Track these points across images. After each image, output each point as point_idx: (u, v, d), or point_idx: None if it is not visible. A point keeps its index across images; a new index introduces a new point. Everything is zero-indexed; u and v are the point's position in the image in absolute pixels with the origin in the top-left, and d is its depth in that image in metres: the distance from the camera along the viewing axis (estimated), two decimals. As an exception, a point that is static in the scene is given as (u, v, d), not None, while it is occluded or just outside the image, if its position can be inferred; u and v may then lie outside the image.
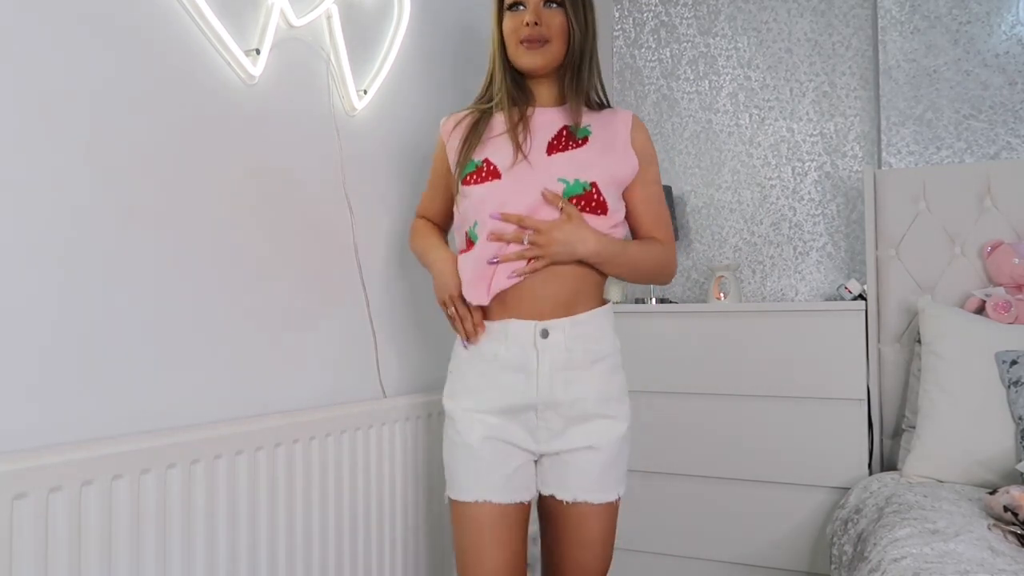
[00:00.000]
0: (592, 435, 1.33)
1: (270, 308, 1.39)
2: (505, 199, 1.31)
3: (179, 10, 1.23)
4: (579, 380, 1.31)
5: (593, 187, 1.32)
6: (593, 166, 1.33)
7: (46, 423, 1.03)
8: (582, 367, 1.32)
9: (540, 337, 1.30)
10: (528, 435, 1.33)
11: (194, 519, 1.15)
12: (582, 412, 1.32)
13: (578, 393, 1.31)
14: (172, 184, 1.22)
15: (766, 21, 2.63)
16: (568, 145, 1.36)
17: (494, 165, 1.34)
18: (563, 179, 1.31)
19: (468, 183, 1.35)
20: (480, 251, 1.32)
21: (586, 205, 1.31)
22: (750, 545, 2.16)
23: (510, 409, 1.32)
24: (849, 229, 2.50)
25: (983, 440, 1.75)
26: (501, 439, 1.32)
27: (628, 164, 1.38)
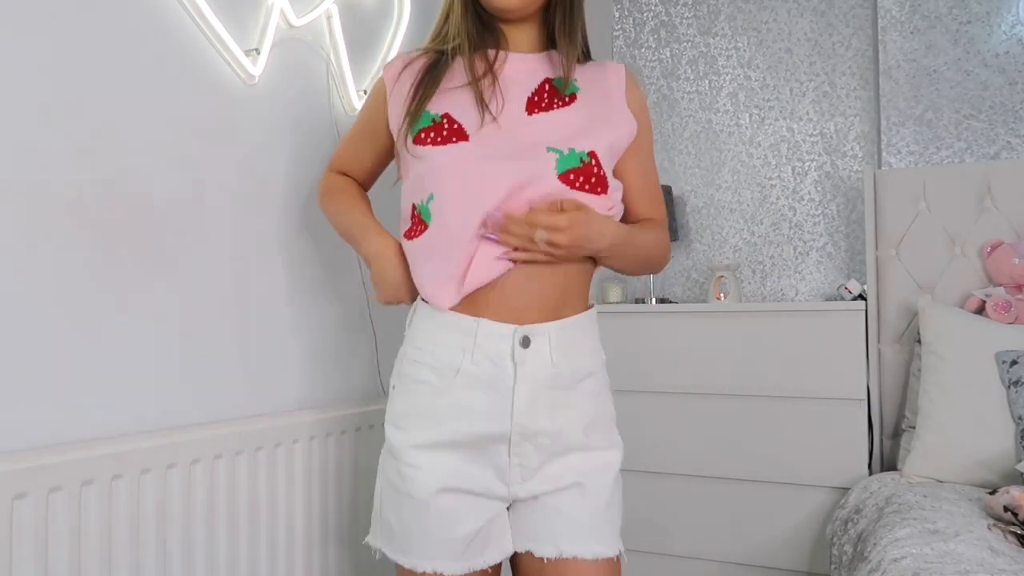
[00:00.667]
0: (580, 470, 1.03)
1: (270, 308, 1.39)
2: (477, 169, 1.01)
3: (179, 10, 1.23)
4: (567, 403, 1.03)
5: (592, 158, 1.03)
6: (589, 131, 1.05)
7: (46, 423, 1.03)
8: (568, 386, 1.03)
9: (520, 346, 1.00)
10: (496, 477, 1.02)
11: (194, 519, 1.15)
12: (568, 443, 1.03)
13: (565, 419, 1.02)
14: (172, 184, 1.22)
15: (766, 21, 2.63)
16: (553, 103, 1.07)
17: (458, 123, 1.04)
18: (554, 148, 1.02)
19: (422, 142, 1.04)
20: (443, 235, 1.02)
21: (584, 182, 1.02)
22: (750, 545, 2.16)
23: (476, 441, 1.01)
24: (849, 229, 2.50)
25: (983, 440, 1.75)
26: (461, 489, 1.01)
27: (626, 128, 1.11)
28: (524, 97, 1.07)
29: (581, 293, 1.09)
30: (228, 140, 1.32)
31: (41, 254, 1.03)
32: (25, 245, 1.01)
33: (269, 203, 1.40)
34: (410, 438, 1.02)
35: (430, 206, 1.03)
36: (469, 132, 1.03)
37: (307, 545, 1.37)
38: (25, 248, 1.01)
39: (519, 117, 1.05)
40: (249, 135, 1.36)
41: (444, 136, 1.04)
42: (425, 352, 1.03)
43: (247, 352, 1.34)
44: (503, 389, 1.00)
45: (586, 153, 1.03)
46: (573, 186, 1.01)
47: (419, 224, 1.06)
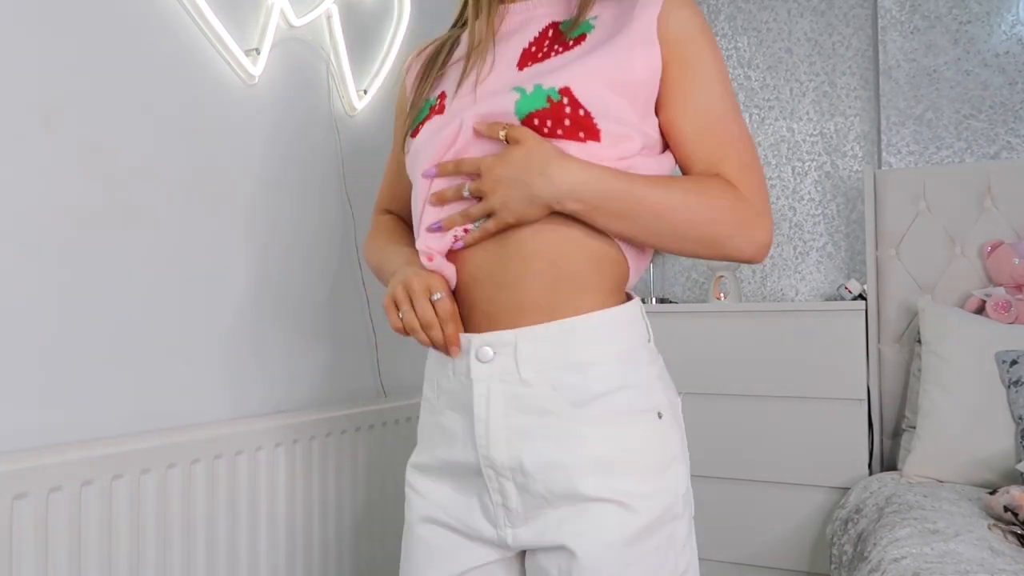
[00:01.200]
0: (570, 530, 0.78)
1: (270, 308, 1.39)
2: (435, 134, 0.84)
3: (179, 10, 1.23)
4: (552, 434, 0.78)
5: (565, 96, 0.78)
6: (571, 65, 0.80)
7: (46, 423, 1.03)
8: (556, 411, 0.78)
9: (477, 360, 0.80)
10: (483, 516, 0.83)
11: (194, 519, 1.15)
12: (553, 488, 0.78)
13: (545, 455, 0.78)
14: (172, 184, 1.22)
15: (766, 21, 2.63)
16: (551, 51, 0.83)
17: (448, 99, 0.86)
18: (519, 87, 0.80)
19: (416, 134, 0.88)
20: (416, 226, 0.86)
21: (556, 127, 0.78)
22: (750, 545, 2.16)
23: (457, 470, 0.84)
24: (849, 229, 2.50)
25: (983, 440, 1.75)
26: (440, 522, 0.85)
27: (636, 56, 0.80)
28: (520, 49, 0.85)
29: (590, 281, 0.81)
30: (228, 140, 1.32)
31: (41, 254, 1.03)
32: (25, 245, 1.01)
33: (269, 203, 1.40)
34: (413, 457, 0.91)
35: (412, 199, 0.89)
36: (446, 104, 0.85)
37: (307, 545, 1.37)
38: (25, 248, 1.01)
39: (506, 74, 0.83)
40: (249, 135, 1.36)
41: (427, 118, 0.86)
42: (428, 367, 0.90)
43: (247, 352, 1.34)
44: (469, 410, 0.81)
45: (556, 90, 0.78)
46: (539, 133, 0.78)
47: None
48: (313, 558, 1.38)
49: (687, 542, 0.81)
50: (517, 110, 0.79)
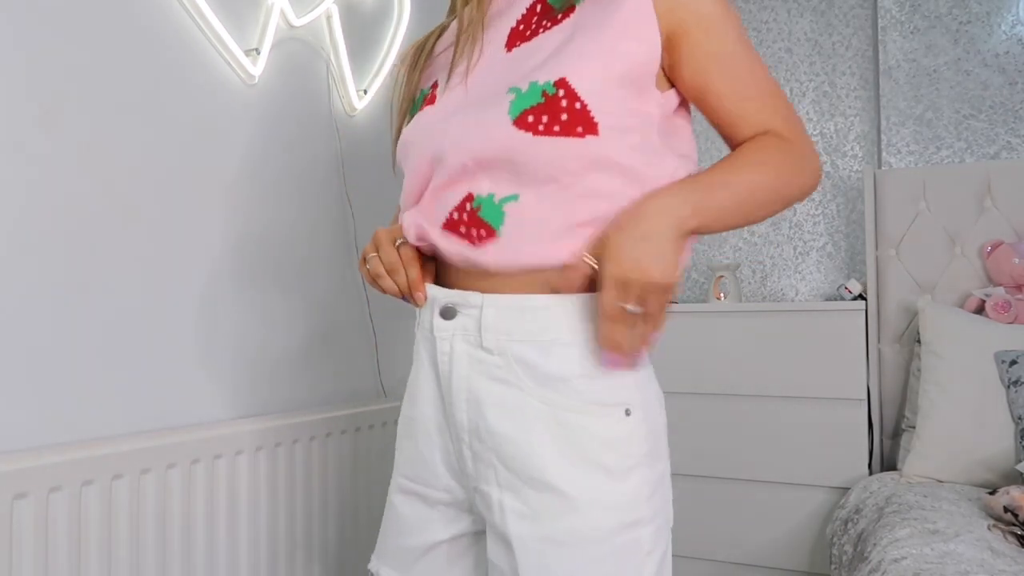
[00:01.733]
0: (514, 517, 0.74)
1: (270, 308, 1.39)
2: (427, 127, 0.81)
3: (179, 10, 1.23)
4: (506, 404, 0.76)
5: (561, 88, 0.73)
6: (565, 52, 0.75)
7: (46, 423, 1.03)
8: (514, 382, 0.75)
9: (440, 316, 0.79)
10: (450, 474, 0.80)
11: (194, 519, 1.15)
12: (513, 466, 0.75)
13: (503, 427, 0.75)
14: (172, 184, 1.22)
15: (766, 21, 2.63)
16: (539, 28, 0.79)
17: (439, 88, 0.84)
18: (514, 87, 0.75)
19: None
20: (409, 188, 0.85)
21: (552, 122, 0.73)
22: (750, 545, 2.16)
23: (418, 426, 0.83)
24: (849, 229, 2.50)
25: (983, 440, 1.75)
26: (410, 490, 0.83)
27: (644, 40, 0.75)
28: (508, 28, 0.81)
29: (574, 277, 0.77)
30: (228, 140, 1.31)
31: (40, 254, 1.03)
32: (24, 245, 1.01)
33: (269, 203, 1.40)
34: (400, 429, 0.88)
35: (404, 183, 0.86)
36: (438, 94, 0.82)
37: (307, 545, 1.37)
38: (24, 248, 1.01)
39: (497, 58, 0.79)
40: (249, 135, 1.36)
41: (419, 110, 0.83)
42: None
43: (247, 352, 1.34)
44: (434, 366, 0.80)
45: (552, 83, 0.72)
46: (535, 131, 0.72)
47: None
48: (313, 558, 1.38)
49: (652, 552, 0.74)
50: (511, 109, 0.74)
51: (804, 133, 0.82)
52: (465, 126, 0.77)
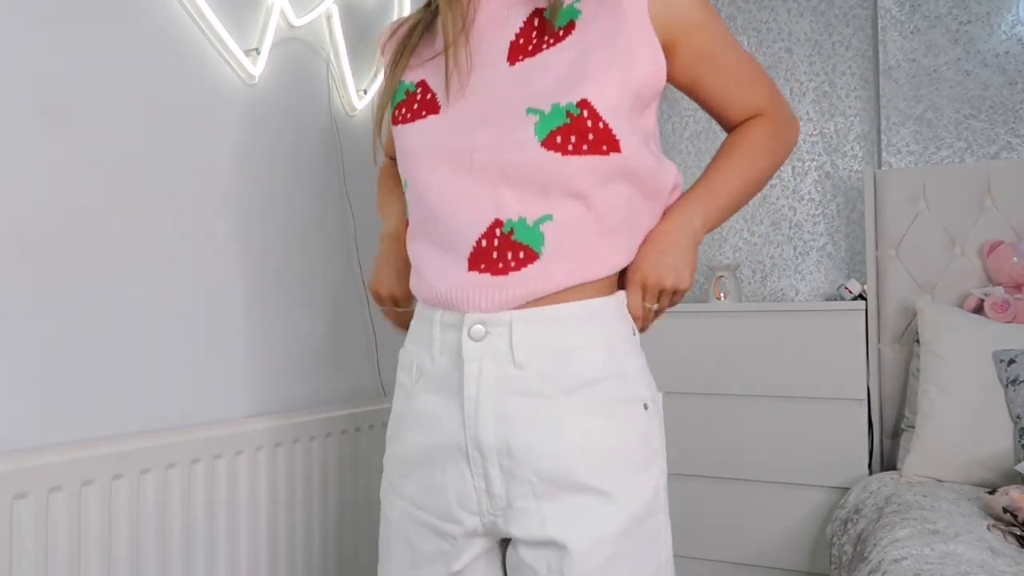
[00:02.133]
0: (561, 523, 0.77)
1: (270, 308, 1.39)
2: (447, 148, 0.82)
3: (179, 10, 1.23)
4: (541, 419, 0.78)
5: (584, 108, 0.77)
6: (583, 72, 0.79)
7: (46, 423, 1.03)
8: (546, 395, 0.78)
9: (470, 338, 0.80)
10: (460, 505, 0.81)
11: (194, 519, 1.15)
12: (543, 474, 0.77)
13: (536, 441, 0.78)
14: (172, 184, 1.22)
15: (766, 21, 2.63)
16: (541, 44, 0.82)
17: (432, 92, 0.86)
18: (534, 109, 0.78)
19: (396, 120, 0.88)
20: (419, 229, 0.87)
21: (580, 142, 0.77)
22: (750, 545, 2.16)
23: (434, 457, 0.82)
24: (849, 229, 2.50)
25: (982, 439, 1.75)
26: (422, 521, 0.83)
27: (649, 59, 0.81)
28: (507, 41, 0.83)
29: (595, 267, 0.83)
30: (228, 140, 1.32)
31: (40, 254, 1.03)
32: (24, 245, 1.01)
33: (269, 203, 1.40)
34: (389, 451, 0.89)
35: (408, 194, 0.88)
36: (441, 102, 0.84)
37: (307, 545, 1.37)
38: (24, 248, 1.01)
39: (498, 69, 0.82)
40: (249, 135, 1.36)
41: (415, 110, 0.86)
42: (404, 350, 0.89)
43: (247, 352, 1.34)
44: (456, 391, 0.80)
45: (574, 104, 0.77)
46: (564, 151, 0.77)
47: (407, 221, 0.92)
48: (313, 558, 1.38)
49: (667, 533, 0.82)
50: (537, 131, 0.78)
51: (783, 102, 0.95)
52: (493, 145, 0.79)
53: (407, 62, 0.90)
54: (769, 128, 0.93)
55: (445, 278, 0.82)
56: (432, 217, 0.83)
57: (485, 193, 0.80)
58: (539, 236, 0.78)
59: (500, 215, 0.79)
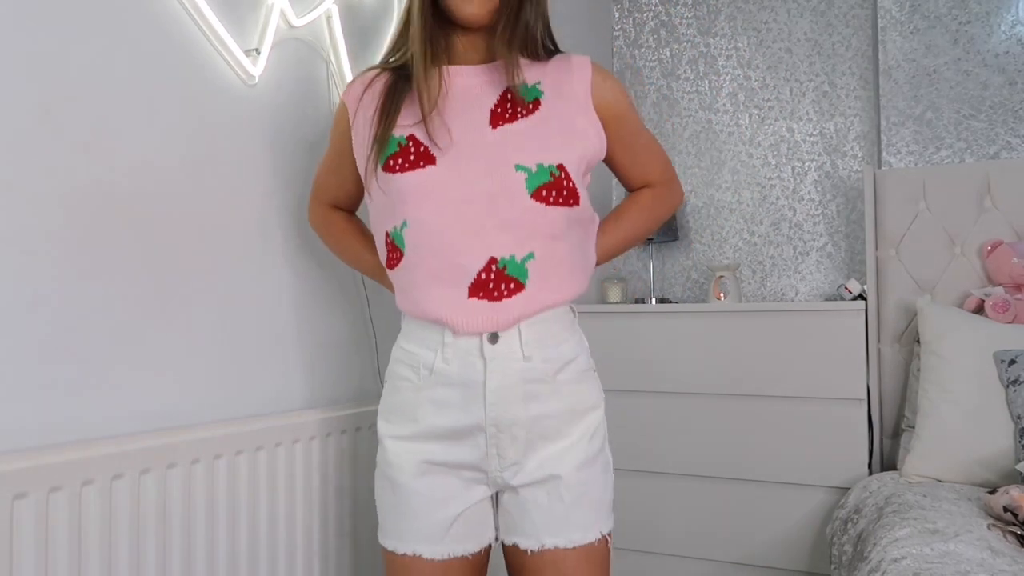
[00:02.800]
0: (557, 461, 1.04)
1: (270, 308, 1.39)
2: (449, 193, 1.01)
3: (179, 10, 1.23)
4: (541, 393, 1.04)
5: (561, 171, 1.02)
6: (555, 142, 1.04)
7: (46, 423, 1.03)
8: (544, 378, 1.04)
9: (488, 343, 1.02)
10: (476, 462, 1.05)
11: (194, 519, 1.15)
12: (543, 433, 1.05)
13: (540, 410, 1.04)
14: (171, 184, 1.22)
15: (766, 21, 2.63)
16: (517, 113, 1.05)
17: (424, 146, 1.03)
18: (522, 166, 1.01)
19: (391, 169, 1.04)
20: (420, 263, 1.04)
21: (558, 196, 1.02)
22: (750, 545, 2.16)
23: (453, 434, 1.05)
24: (849, 229, 2.50)
25: (982, 439, 1.75)
26: (444, 463, 1.05)
27: (594, 139, 1.09)
28: (487, 110, 1.06)
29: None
30: (228, 140, 1.32)
31: (39, 254, 1.03)
32: (23, 245, 1.01)
33: (269, 203, 1.40)
34: (394, 430, 1.08)
35: (404, 233, 1.04)
36: (435, 154, 1.03)
37: (307, 545, 1.37)
38: (23, 248, 1.01)
39: (484, 132, 1.04)
40: (249, 135, 1.36)
41: (412, 161, 1.03)
42: (406, 352, 1.09)
43: (247, 352, 1.34)
44: (474, 385, 1.03)
45: (555, 166, 1.02)
46: (547, 202, 1.02)
47: (395, 252, 1.08)
48: (313, 558, 1.38)
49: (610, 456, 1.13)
50: (528, 185, 1.01)
51: (671, 175, 1.25)
52: (490, 196, 1.01)
53: (395, 120, 1.06)
54: (655, 195, 1.23)
55: (446, 304, 1.03)
56: (433, 253, 1.03)
57: (483, 235, 1.01)
58: (525, 271, 1.02)
59: (495, 254, 1.01)
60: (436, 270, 1.03)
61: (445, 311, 1.02)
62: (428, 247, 1.03)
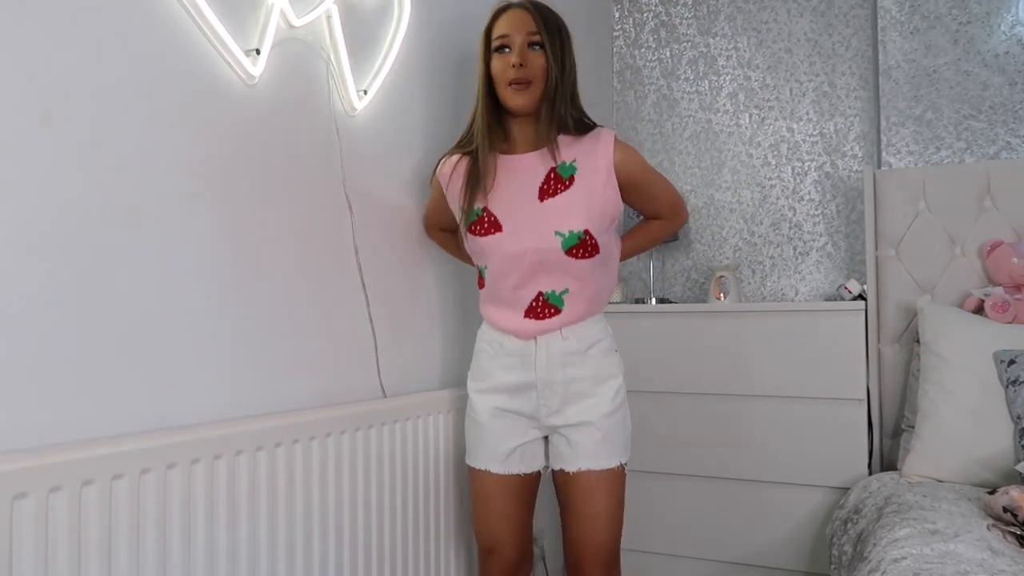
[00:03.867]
0: (588, 412, 1.49)
1: (270, 308, 1.39)
2: (509, 251, 1.50)
3: (179, 10, 1.23)
4: (576, 363, 1.50)
5: (587, 234, 1.46)
6: (582, 211, 1.47)
7: (46, 423, 1.03)
8: (578, 351, 1.50)
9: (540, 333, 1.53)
10: (531, 410, 1.53)
11: (194, 519, 1.15)
12: (578, 392, 1.50)
13: (576, 373, 1.50)
14: (171, 184, 1.22)
15: (766, 21, 2.63)
16: (557, 188, 1.49)
17: (494, 216, 1.51)
18: (559, 232, 1.46)
19: (474, 232, 1.53)
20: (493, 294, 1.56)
21: (584, 252, 1.48)
22: (750, 545, 2.16)
23: (514, 388, 1.53)
24: (849, 229, 2.50)
25: (982, 440, 1.75)
26: (509, 410, 1.53)
27: (612, 201, 1.51)
28: (536, 187, 1.50)
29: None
30: (228, 140, 1.32)
31: (40, 254, 1.03)
32: (23, 245, 1.01)
33: (269, 203, 1.40)
34: (476, 386, 1.58)
35: (484, 272, 1.57)
36: (502, 223, 1.50)
37: (307, 545, 1.37)
38: (23, 248, 1.01)
39: (534, 205, 1.49)
40: (249, 135, 1.36)
41: (486, 228, 1.52)
42: (485, 337, 1.60)
43: (247, 352, 1.34)
44: (528, 356, 1.51)
45: (583, 231, 1.46)
46: (576, 256, 1.48)
47: (481, 280, 1.59)
48: (313, 558, 1.38)
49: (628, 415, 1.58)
50: (563, 246, 1.47)
51: (678, 205, 1.67)
52: (537, 253, 1.48)
53: (476, 196, 1.52)
54: (663, 223, 1.69)
55: (509, 321, 1.53)
56: (501, 288, 1.53)
57: (533, 277, 1.50)
58: (562, 300, 1.51)
59: (541, 289, 1.51)
60: (503, 298, 1.53)
61: (509, 326, 1.53)
62: (499, 284, 1.53)
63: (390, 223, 1.71)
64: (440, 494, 1.73)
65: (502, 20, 1.50)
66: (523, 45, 1.47)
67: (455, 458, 1.77)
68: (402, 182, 1.74)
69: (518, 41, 1.47)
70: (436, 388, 1.82)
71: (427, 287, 1.82)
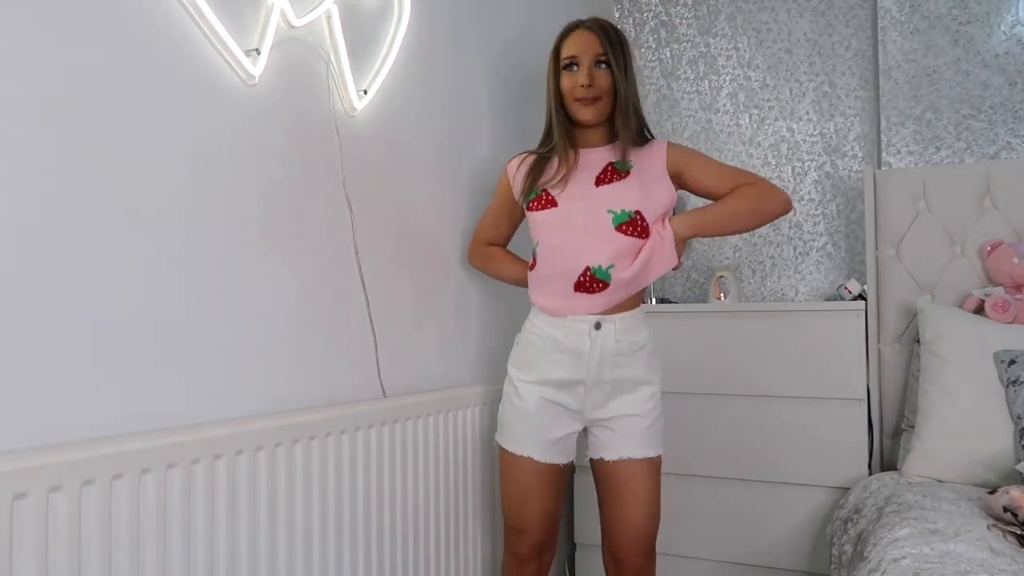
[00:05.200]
0: (631, 406, 1.60)
1: (270, 308, 1.39)
2: (561, 224, 1.60)
3: (179, 10, 1.23)
4: (624, 363, 1.59)
5: (638, 215, 1.56)
6: (635, 195, 1.58)
7: (46, 423, 1.03)
8: (627, 353, 1.59)
9: (594, 329, 1.58)
10: (577, 405, 1.60)
11: (194, 519, 1.15)
12: (622, 388, 1.60)
13: (624, 373, 1.59)
14: (172, 184, 1.22)
15: (766, 21, 2.63)
16: (612, 178, 1.62)
17: (551, 195, 1.63)
18: (611, 210, 1.57)
19: (531, 208, 1.65)
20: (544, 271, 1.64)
21: (632, 230, 1.56)
22: (750, 545, 2.16)
23: (562, 383, 1.59)
24: (849, 229, 2.50)
25: (982, 440, 1.75)
26: (555, 403, 1.60)
27: (667, 193, 1.61)
28: (594, 175, 1.63)
29: (635, 297, 1.64)
30: (228, 140, 1.32)
31: (40, 254, 1.03)
32: (23, 245, 1.01)
33: (269, 203, 1.40)
34: (522, 376, 1.63)
35: (536, 249, 1.65)
36: (558, 201, 1.62)
37: (307, 545, 1.37)
38: (24, 248, 1.01)
39: (590, 189, 1.61)
40: (249, 135, 1.36)
41: (542, 204, 1.63)
42: (535, 325, 1.64)
43: (247, 352, 1.34)
44: (582, 354, 1.58)
45: (633, 211, 1.57)
46: (625, 232, 1.56)
47: (534, 259, 1.66)
48: (313, 558, 1.38)
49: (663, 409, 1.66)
50: (614, 221, 1.56)
51: (753, 177, 1.64)
52: (588, 228, 1.58)
53: (538, 179, 1.65)
54: (751, 189, 1.61)
55: (559, 296, 1.60)
56: (553, 261, 1.61)
57: (582, 252, 1.57)
58: (608, 275, 1.56)
59: (589, 263, 1.57)
60: (554, 273, 1.60)
61: (558, 301, 1.59)
62: (548, 258, 1.62)
63: (390, 223, 1.71)
64: (440, 494, 1.73)
65: (570, 40, 1.64)
66: (591, 65, 1.60)
67: (455, 458, 1.77)
68: (402, 182, 1.74)
69: (586, 61, 1.60)
70: (437, 388, 1.82)
71: (427, 287, 1.82)
